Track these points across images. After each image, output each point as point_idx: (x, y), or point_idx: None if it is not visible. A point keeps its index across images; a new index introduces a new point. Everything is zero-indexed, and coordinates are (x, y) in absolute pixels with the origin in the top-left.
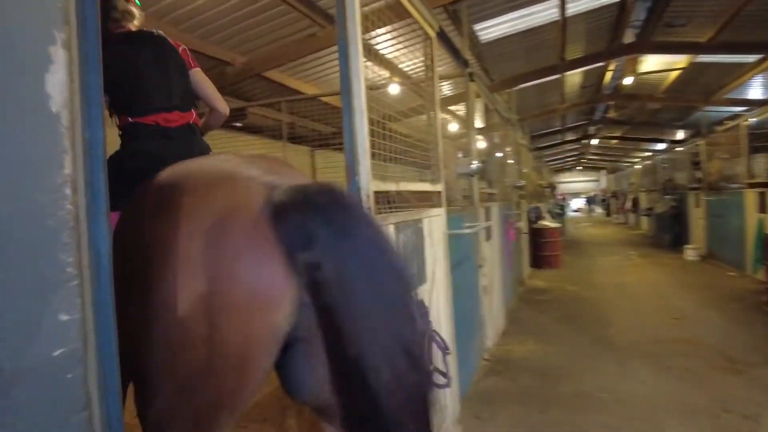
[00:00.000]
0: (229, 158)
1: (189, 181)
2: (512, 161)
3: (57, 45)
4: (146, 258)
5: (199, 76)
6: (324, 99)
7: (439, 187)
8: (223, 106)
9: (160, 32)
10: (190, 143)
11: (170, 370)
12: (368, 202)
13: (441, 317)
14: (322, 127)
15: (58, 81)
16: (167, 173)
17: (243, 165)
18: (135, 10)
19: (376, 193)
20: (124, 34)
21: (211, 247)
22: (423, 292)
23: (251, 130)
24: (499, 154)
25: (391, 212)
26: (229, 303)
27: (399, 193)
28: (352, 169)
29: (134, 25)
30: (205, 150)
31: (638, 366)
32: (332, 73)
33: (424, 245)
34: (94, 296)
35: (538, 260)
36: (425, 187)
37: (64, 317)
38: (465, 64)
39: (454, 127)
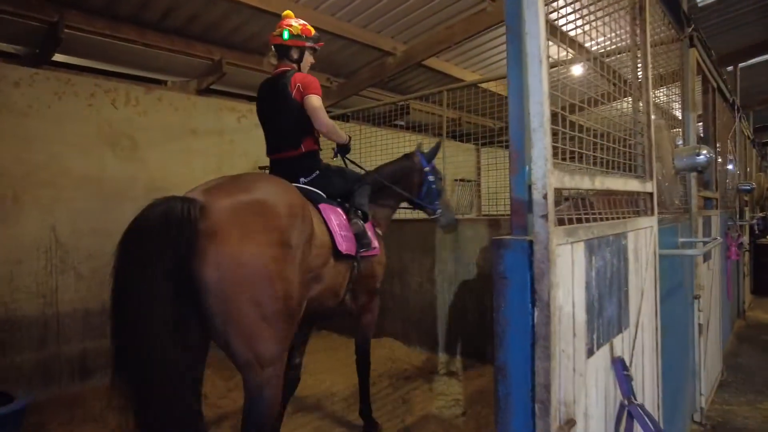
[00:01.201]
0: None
1: None
2: (736, 158)
3: None
4: None
5: (308, 103)
6: (491, 89)
7: (649, 186)
8: (319, 124)
9: (292, 71)
10: (291, 170)
11: None
12: (545, 205)
13: (645, 378)
14: (489, 122)
15: None
16: None
17: (205, 184)
18: (273, 60)
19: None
20: (265, 81)
21: None
22: (623, 344)
23: (414, 127)
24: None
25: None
26: None
27: (583, 194)
28: (519, 155)
29: (284, 63)
30: (304, 171)
31: None
32: (501, 58)
33: (627, 272)
34: None
35: (764, 286)
36: (632, 185)
37: None
38: (686, 21)
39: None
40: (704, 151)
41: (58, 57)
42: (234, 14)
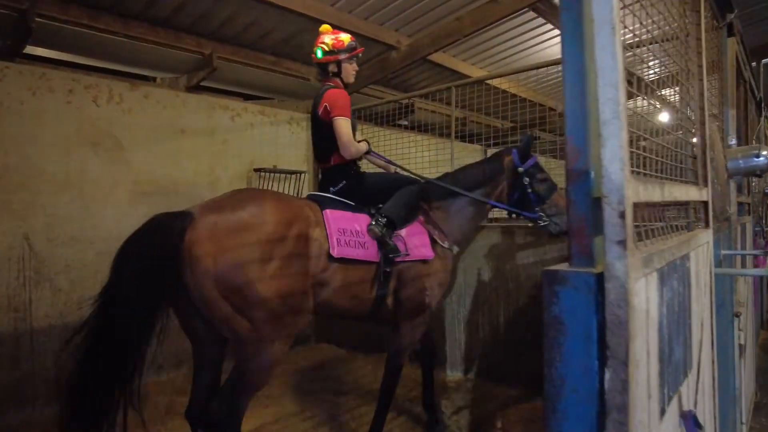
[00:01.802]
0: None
1: None
2: None
3: None
4: None
5: (336, 129)
6: (501, 86)
7: (704, 194)
8: (345, 152)
9: (326, 88)
10: (329, 178)
11: None
12: (622, 227)
13: (705, 425)
14: (497, 122)
15: None
16: None
17: (213, 198)
18: (318, 77)
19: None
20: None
21: None
22: (688, 390)
23: (419, 127)
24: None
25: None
26: None
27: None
28: (581, 156)
29: (327, 78)
30: (333, 182)
31: None
32: (511, 54)
33: (690, 300)
34: None
35: None
36: (691, 194)
37: None
38: (728, 6)
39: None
40: (765, 152)
41: (34, 50)
42: (225, 3)
